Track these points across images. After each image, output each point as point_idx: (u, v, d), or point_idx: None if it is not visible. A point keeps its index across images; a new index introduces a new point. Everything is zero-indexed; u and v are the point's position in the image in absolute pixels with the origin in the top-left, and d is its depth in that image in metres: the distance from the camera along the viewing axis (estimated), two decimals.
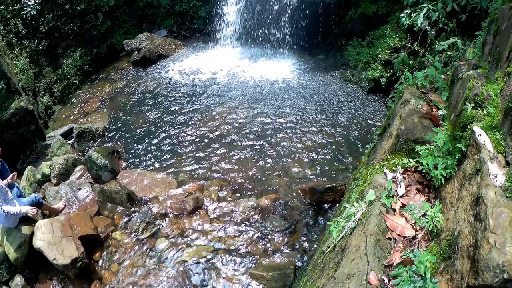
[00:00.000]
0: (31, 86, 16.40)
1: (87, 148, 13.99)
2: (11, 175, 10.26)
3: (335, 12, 17.88)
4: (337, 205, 9.10)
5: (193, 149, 13.23)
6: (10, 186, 10.06)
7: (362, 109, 14.93)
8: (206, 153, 12.98)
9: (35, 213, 9.73)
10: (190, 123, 14.62)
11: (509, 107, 4.52)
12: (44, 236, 9.46)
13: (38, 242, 9.36)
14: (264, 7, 19.17)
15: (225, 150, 13.04)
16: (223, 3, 20.42)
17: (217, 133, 13.90)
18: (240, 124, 14.31)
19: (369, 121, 14.23)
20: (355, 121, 14.23)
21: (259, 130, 13.93)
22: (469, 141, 4.84)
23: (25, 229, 9.77)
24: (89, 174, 12.25)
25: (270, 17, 19.06)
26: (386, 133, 6.51)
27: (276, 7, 18.78)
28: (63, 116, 16.87)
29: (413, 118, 5.78)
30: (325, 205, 10.47)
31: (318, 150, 12.81)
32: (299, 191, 11.11)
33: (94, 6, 20.15)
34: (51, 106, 17.21)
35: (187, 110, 15.45)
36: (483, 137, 4.62)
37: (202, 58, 19.79)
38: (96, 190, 11.41)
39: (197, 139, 13.69)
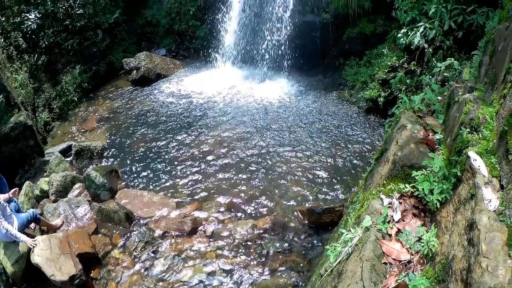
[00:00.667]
0: (30, 101, 16.39)
1: (85, 166, 13.95)
2: (12, 190, 10.28)
3: (333, 31, 17.91)
4: (335, 228, 9.11)
5: (190, 170, 13.23)
6: (8, 200, 10.10)
7: (360, 129, 14.94)
8: (204, 174, 12.99)
9: (34, 246, 9.74)
10: (187, 144, 14.62)
11: (504, 130, 4.58)
12: (42, 252, 9.48)
13: (36, 257, 9.37)
14: (262, 27, 19.25)
15: (222, 171, 13.05)
16: (222, 24, 20.54)
17: (214, 154, 13.91)
18: (237, 145, 14.31)
19: (366, 141, 14.24)
20: (353, 142, 14.24)
21: (256, 151, 13.95)
22: (465, 166, 4.91)
23: (23, 244, 9.77)
24: (87, 192, 12.24)
25: (267, 37, 19.14)
26: (383, 158, 6.56)
27: (273, 28, 18.88)
28: (62, 132, 16.84)
29: (410, 144, 5.84)
30: (323, 226, 10.47)
31: (316, 171, 12.83)
32: (297, 212, 11.11)
33: (94, 23, 20.19)
34: (50, 122, 17.16)
35: (185, 131, 15.46)
36: (478, 162, 4.68)
37: (201, 79, 19.82)
38: (94, 209, 11.43)
39: (195, 160, 13.69)
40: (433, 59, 13.71)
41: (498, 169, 4.58)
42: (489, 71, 6.17)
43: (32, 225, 10.70)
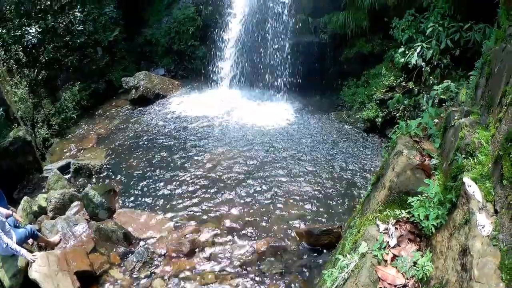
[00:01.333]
0: (29, 116, 16.44)
1: (84, 185, 14.00)
2: (11, 210, 10.39)
3: (331, 52, 18.04)
4: (333, 251, 9.13)
5: (189, 191, 13.22)
6: (7, 216, 10.16)
7: (358, 150, 14.98)
8: (202, 196, 12.97)
9: (33, 261, 9.76)
10: (186, 164, 14.62)
11: (499, 155, 4.62)
12: (40, 268, 9.50)
13: (34, 273, 9.38)
14: (260, 48, 19.37)
15: (221, 193, 13.03)
16: (220, 44, 20.58)
17: (212, 175, 13.90)
18: (236, 167, 14.32)
19: (364, 161, 14.28)
20: (351, 163, 14.26)
21: (254, 172, 13.96)
22: (460, 192, 4.96)
23: (21, 258, 9.79)
24: (85, 211, 12.24)
25: (266, 58, 19.24)
26: (380, 183, 6.60)
27: (272, 49, 19.00)
28: (61, 149, 16.86)
29: (406, 171, 5.89)
30: (322, 247, 10.47)
31: (315, 192, 12.84)
32: (295, 234, 11.11)
33: (93, 40, 20.34)
34: (48, 138, 17.15)
35: (184, 151, 15.48)
36: (472, 188, 4.74)
37: (199, 99, 19.86)
38: (93, 227, 11.43)
39: (193, 181, 13.67)
40: (431, 77, 13.82)
41: (493, 193, 4.62)
42: (485, 93, 6.18)
43: (30, 240, 10.74)
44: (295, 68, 18.75)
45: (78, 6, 19.46)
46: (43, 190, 13.65)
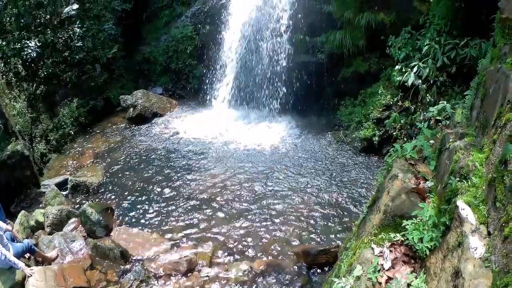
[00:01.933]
0: (27, 130, 16.46)
1: (81, 202, 14.06)
2: (9, 225, 10.45)
3: (328, 71, 18.10)
4: (329, 273, 9.14)
5: (186, 210, 13.25)
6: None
7: (354, 170, 15.01)
8: (199, 215, 13.00)
9: (31, 275, 9.79)
10: (183, 184, 14.64)
11: (493, 178, 4.67)
12: (38, 283, 9.57)
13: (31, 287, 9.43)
14: (257, 68, 19.45)
15: (218, 213, 13.07)
16: (218, 64, 20.68)
17: (210, 195, 13.93)
18: (233, 186, 14.34)
19: (361, 181, 14.32)
20: (348, 182, 14.29)
21: (251, 193, 13.98)
22: (453, 215, 5.01)
23: (19, 272, 9.86)
24: (83, 228, 12.30)
25: (262, 78, 19.33)
26: (375, 207, 6.64)
27: (269, 69, 19.10)
28: (58, 165, 16.90)
29: (401, 194, 5.94)
30: (319, 267, 10.55)
31: (311, 212, 12.87)
32: (293, 254, 11.17)
33: (92, 57, 20.43)
34: (46, 153, 17.17)
35: (180, 171, 15.50)
36: (466, 211, 4.79)
37: (196, 119, 19.91)
38: (90, 245, 11.48)
39: (190, 200, 13.72)
40: (427, 95, 13.90)
41: (486, 216, 4.66)
42: (481, 114, 6.16)
43: (27, 255, 10.79)
44: (292, 88, 18.84)
45: (78, 22, 19.56)
46: (41, 205, 13.72)
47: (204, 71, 21.65)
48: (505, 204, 4.29)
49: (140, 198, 14.08)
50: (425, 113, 13.29)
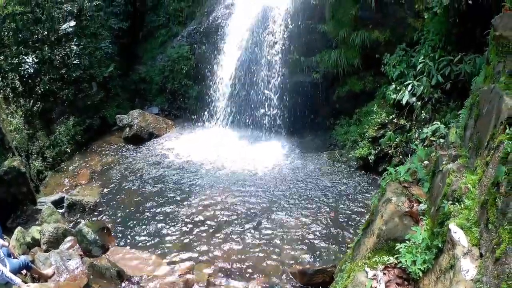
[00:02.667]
0: (24, 147, 16.48)
1: (77, 220, 14.09)
2: (8, 244, 10.48)
3: (323, 91, 18.17)
4: None
5: (182, 230, 13.22)
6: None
7: (350, 189, 14.97)
8: (195, 235, 12.97)
9: None
10: (179, 204, 14.60)
11: (485, 200, 4.76)
12: None
13: None
14: (253, 88, 19.51)
15: (213, 233, 13.04)
16: (213, 84, 20.73)
17: (206, 215, 13.90)
18: (229, 207, 14.31)
19: (358, 200, 14.29)
20: (344, 202, 14.25)
21: (248, 213, 13.95)
22: (446, 238, 5.09)
23: (15, 287, 9.81)
24: (79, 246, 12.26)
25: (258, 98, 19.39)
26: (369, 230, 6.68)
27: (264, 89, 19.20)
28: (55, 183, 16.93)
29: (394, 218, 6.00)
30: (316, 287, 10.46)
31: (308, 232, 12.82)
32: (289, 274, 11.14)
33: (89, 75, 20.47)
34: (43, 171, 17.19)
35: (176, 192, 15.46)
36: (458, 234, 4.87)
37: (192, 140, 19.88)
38: (86, 263, 11.41)
39: (186, 221, 13.68)
40: (422, 112, 13.93)
41: (479, 237, 4.75)
42: (474, 135, 6.25)
43: (23, 271, 10.79)
44: (288, 108, 18.90)
45: (75, 39, 19.66)
46: (37, 222, 13.71)
47: (200, 92, 21.68)
48: (496, 226, 4.38)
49: (136, 219, 14.05)
50: (420, 130, 13.34)
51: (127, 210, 14.56)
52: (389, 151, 14.98)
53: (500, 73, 5.83)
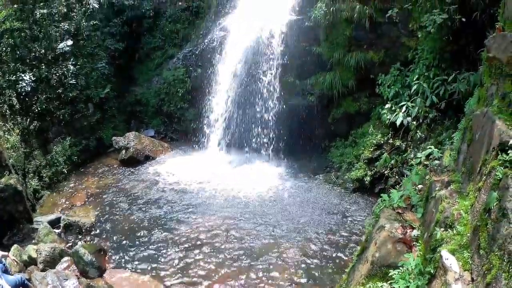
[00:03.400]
0: (21, 165, 16.47)
1: (73, 241, 14.09)
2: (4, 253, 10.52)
3: (318, 114, 18.24)
4: None
5: (177, 253, 13.20)
6: None
7: (347, 211, 15.01)
8: (191, 258, 12.95)
9: None
10: (173, 228, 14.58)
11: (477, 226, 4.86)
12: None
13: None
14: (248, 111, 19.63)
15: (210, 256, 13.02)
16: (209, 107, 20.84)
17: (201, 239, 13.89)
18: (225, 230, 14.31)
19: (354, 222, 14.32)
20: (341, 224, 14.27)
21: (244, 236, 13.94)
22: (438, 264, 5.17)
23: None
24: (75, 267, 12.26)
25: (253, 121, 19.48)
26: (364, 256, 6.75)
27: (259, 112, 19.31)
28: (51, 203, 16.92)
29: (387, 245, 6.08)
30: None
31: (304, 255, 12.82)
32: None
33: (85, 95, 20.57)
34: (39, 190, 17.15)
35: (172, 214, 15.46)
36: (450, 261, 4.96)
37: (188, 163, 19.92)
38: (83, 284, 11.41)
39: (181, 243, 13.68)
40: (418, 132, 13.97)
41: (470, 262, 4.83)
42: (467, 160, 6.29)
43: None
44: (283, 131, 18.96)
45: (72, 59, 19.70)
46: (33, 241, 13.71)
47: (195, 115, 21.80)
48: (487, 252, 4.46)
49: (132, 240, 14.04)
50: (416, 150, 13.40)
51: (123, 232, 14.54)
52: (385, 172, 15.00)
53: (493, 96, 5.87)
